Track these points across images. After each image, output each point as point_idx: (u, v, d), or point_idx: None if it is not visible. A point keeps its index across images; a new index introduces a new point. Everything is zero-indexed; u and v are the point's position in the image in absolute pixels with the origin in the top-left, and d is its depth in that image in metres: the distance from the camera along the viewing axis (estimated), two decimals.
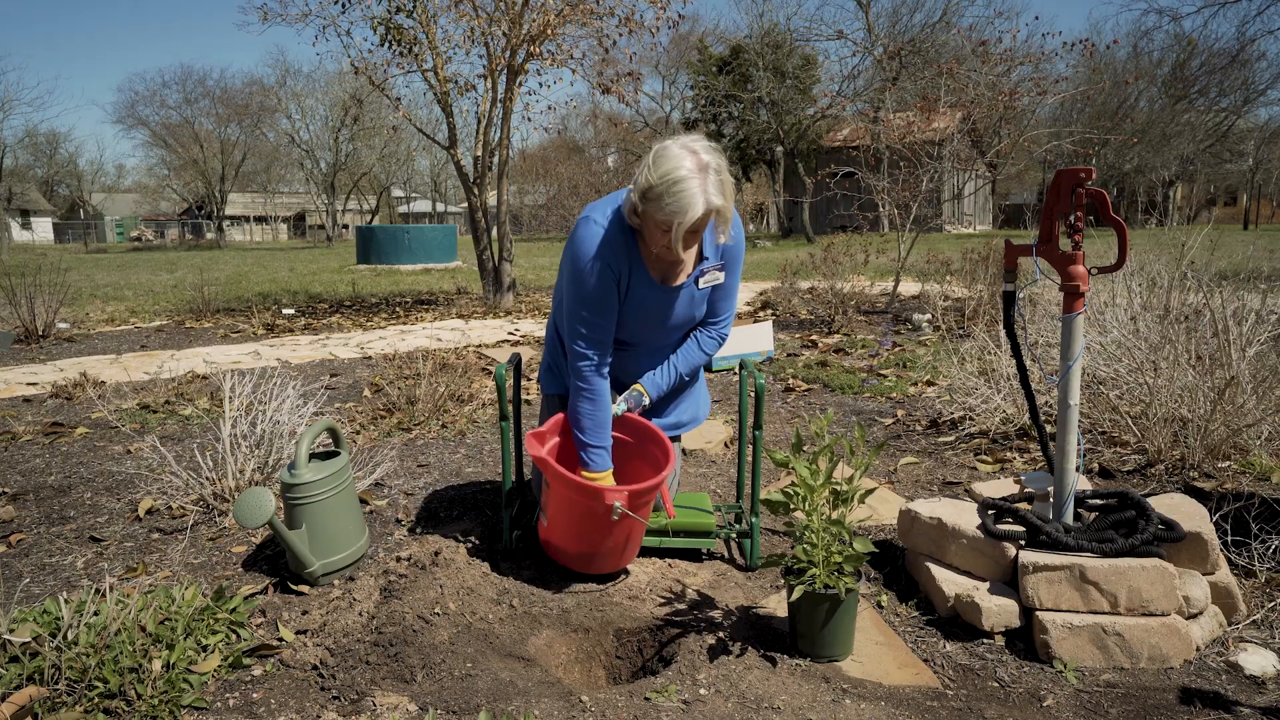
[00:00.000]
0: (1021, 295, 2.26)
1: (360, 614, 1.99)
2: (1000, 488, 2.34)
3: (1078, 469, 1.99)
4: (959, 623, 1.97)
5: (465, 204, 19.42)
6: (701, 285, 2.19)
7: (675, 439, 2.42)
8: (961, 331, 6.17)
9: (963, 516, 2.11)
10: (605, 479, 2.13)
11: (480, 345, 6.51)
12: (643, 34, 8.26)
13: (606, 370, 2.16)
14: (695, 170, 1.89)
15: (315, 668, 1.79)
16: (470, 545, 2.39)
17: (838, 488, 1.84)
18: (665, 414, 2.40)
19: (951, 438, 3.51)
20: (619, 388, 2.35)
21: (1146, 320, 3.53)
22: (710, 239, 2.16)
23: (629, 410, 2.24)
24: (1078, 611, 1.84)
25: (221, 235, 36.91)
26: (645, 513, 2.05)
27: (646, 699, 1.66)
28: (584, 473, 2.13)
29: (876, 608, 2.08)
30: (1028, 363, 3.36)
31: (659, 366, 2.30)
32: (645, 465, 2.23)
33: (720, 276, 2.21)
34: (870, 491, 1.86)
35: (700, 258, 2.18)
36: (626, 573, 2.23)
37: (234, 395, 3.22)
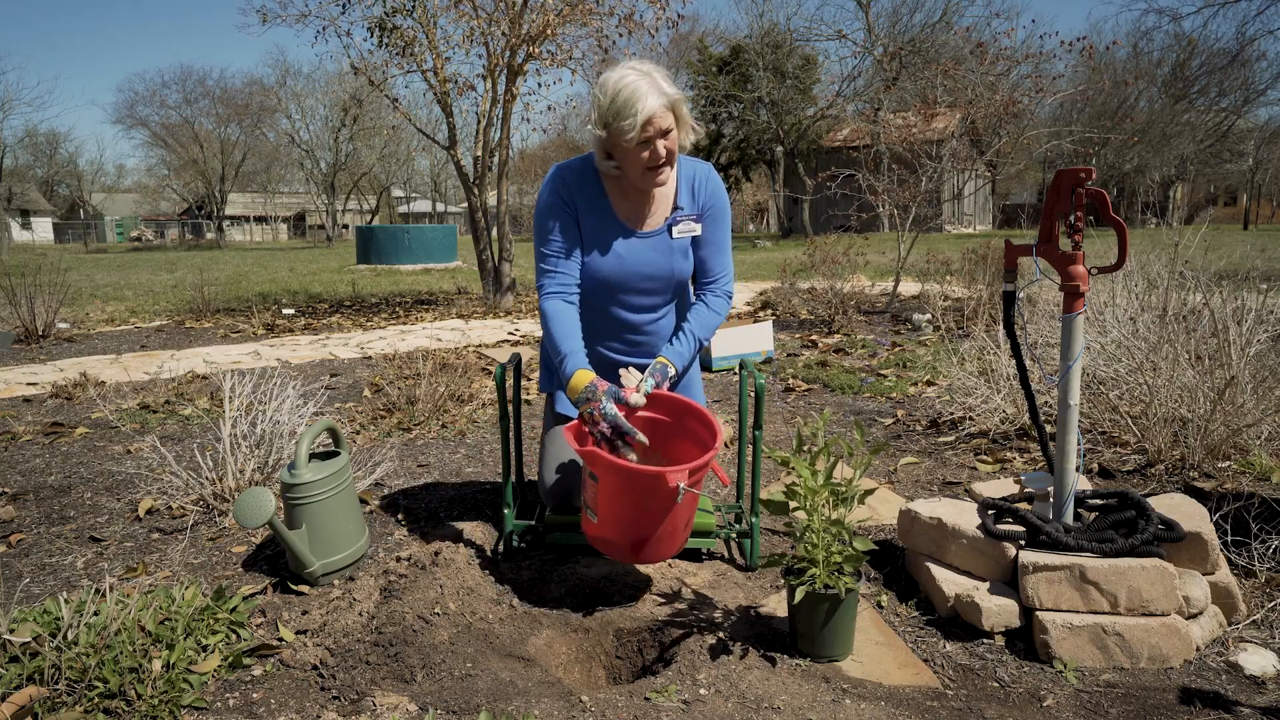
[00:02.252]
0: (1021, 295, 2.26)
1: (360, 614, 1.99)
2: (1000, 488, 2.34)
3: (1078, 469, 1.99)
4: (959, 623, 1.97)
5: (465, 204, 19.42)
6: (676, 234, 2.19)
7: None
8: (961, 331, 6.17)
9: (963, 516, 2.11)
10: (582, 376, 1.99)
11: (480, 345, 6.51)
12: (642, 34, 8.26)
13: (568, 300, 2.15)
14: (639, 75, 1.99)
15: (315, 668, 1.79)
16: (470, 545, 2.39)
17: (838, 488, 1.84)
18: None
19: (951, 438, 3.51)
20: (626, 352, 2.29)
21: (1145, 320, 3.53)
22: (685, 189, 2.19)
23: (657, 386, 2.11)
24: (1078, 611, 1.84)
25: (221, 235, 36.93)
26: (699, 488, 1.94)
27: (646, 699, 1.66)
28: (567, 386, 2.01)
29: (876, 608, 2.08)
30: (1028, 363, 3.36)
31: (677, 333, 2.23)
32: (687, 442, 2.09)
33: (696, 228, 2.21)
34: (870, 492, 1.86)
35: (675, 206, 2.20)
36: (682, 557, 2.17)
37: (234, 395, 3.22)
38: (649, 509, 1.89)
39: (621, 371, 2.16)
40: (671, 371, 2.14)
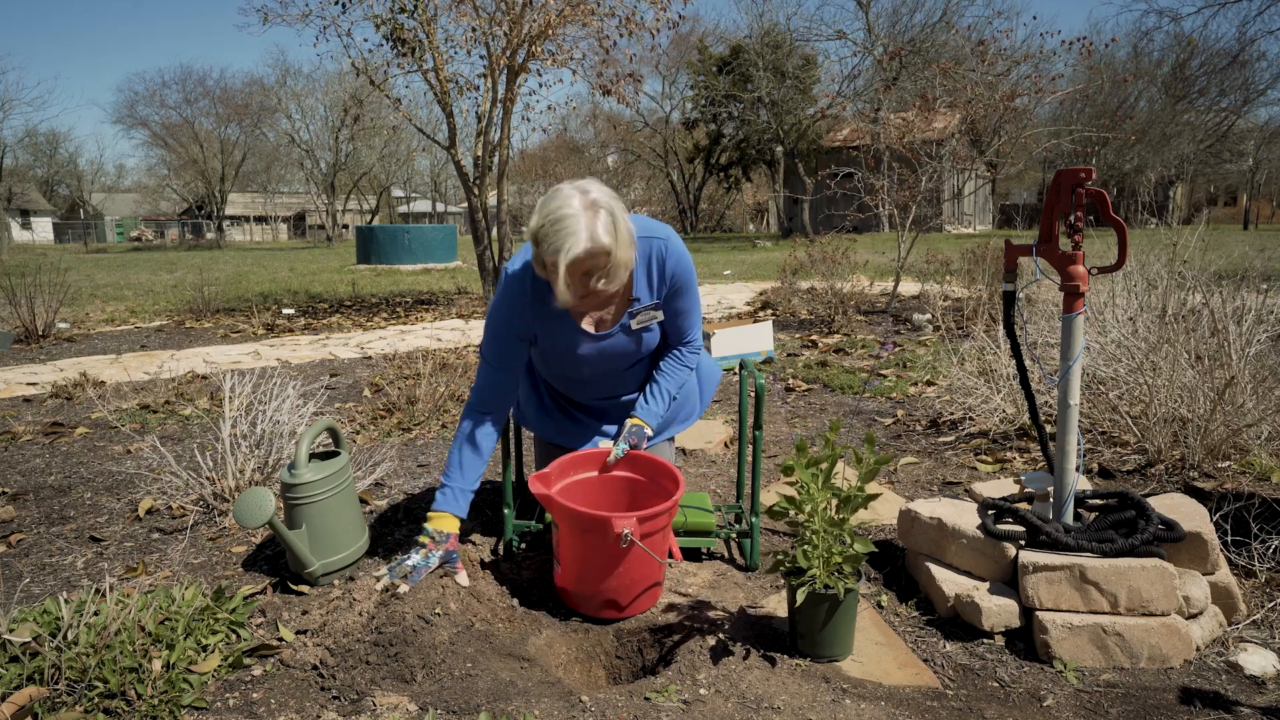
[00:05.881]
0: (1021, 295, 2.27)
1: (360, 614, 1.98)
2: (1000, 488, 2.34)
3: (1078, 469, 1.99)
4: (959, 623, 1.98)
5: (465, 204, 19.42)
6: (636, 326, 2.10)
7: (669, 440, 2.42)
8: (961, 331, 6.17)
9: (963, 516, 2.11)
10: (443, 520, 2.06)
11: (480, 345, 6.50)
12: (643, 34, 8.26)
13: (490, 422, 2.13)
14: (582, 208, 1.80)
15: (315, 668, 1.79)
16: (470, 545, 2.38)
17: (839, 491, 1.84)
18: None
19: (951, 438, 3.51)
20: (600, 414, 2.31)
21: (1145, 320, 3.53)
22: (642, 278, 2.05)
23: (634, 448, 2.15)
24: (1078, 611, 1.84)
25: (221, 235, 36.92)
26: (659, 542, 1.96)
27: (646, 699, 1.66)
28: (428, 513, 2.07)
29: (876, 608, 2.08)
30: (1027, 363, 3.36)
31: (649, 391, 2.22)
32: (660, 498, 2.12)
33: (658, 314, 2.11)
34: (874, 496, 1.86)
35: (629, 300, 2.06)
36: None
37: (234, 395, 3.22)
38: (600, 556, 1.91)
39: (599, 441, 2.23)
40: (648, 432, 2.19)
